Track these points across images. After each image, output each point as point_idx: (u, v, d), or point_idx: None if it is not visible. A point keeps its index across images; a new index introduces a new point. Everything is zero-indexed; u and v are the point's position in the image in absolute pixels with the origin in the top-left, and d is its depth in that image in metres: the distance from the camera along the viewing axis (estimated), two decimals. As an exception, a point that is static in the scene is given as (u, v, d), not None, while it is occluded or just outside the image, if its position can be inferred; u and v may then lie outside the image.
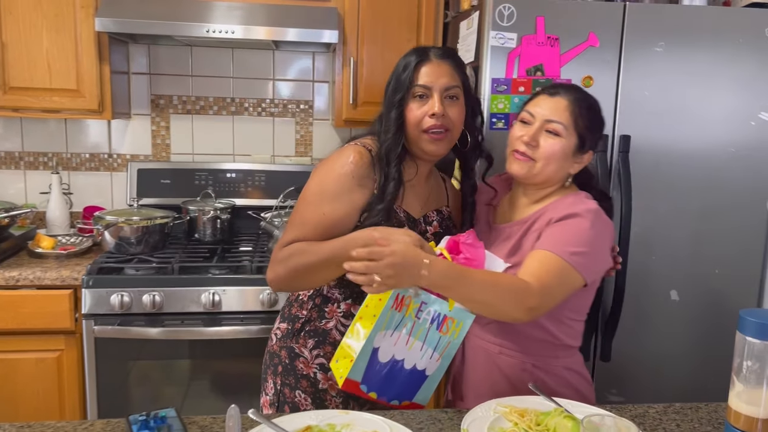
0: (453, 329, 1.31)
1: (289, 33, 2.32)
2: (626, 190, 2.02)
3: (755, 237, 2.14)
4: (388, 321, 1.26)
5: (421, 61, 1.44)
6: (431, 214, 1.55)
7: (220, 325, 2.21)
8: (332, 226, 1.40)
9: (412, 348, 1.30)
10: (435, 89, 1.43)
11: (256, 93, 2.85)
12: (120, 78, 2.62)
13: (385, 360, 1.28)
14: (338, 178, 1.42)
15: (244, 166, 2.78)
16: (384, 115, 1.47)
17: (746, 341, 1.03)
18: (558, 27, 1.97)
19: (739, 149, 2.08)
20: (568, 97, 1.43)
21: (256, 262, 2.31)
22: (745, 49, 2.03)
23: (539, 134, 1.42)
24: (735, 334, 2.17)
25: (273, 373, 1.56)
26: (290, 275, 1.40)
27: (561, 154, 1.41)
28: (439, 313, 1.29)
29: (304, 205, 1.45)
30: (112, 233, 2.33)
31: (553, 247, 1.32)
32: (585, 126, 1.42)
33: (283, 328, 1.57)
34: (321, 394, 1.51)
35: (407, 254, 1.19)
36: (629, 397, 2.18)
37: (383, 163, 1.43)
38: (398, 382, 1.32)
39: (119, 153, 2.81)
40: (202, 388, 2.29)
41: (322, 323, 1.51)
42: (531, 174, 1.43)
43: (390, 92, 1.47)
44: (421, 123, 1.43)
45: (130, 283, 2.17)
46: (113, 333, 2.15)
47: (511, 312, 1.27)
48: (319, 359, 1.51)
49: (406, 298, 1.27)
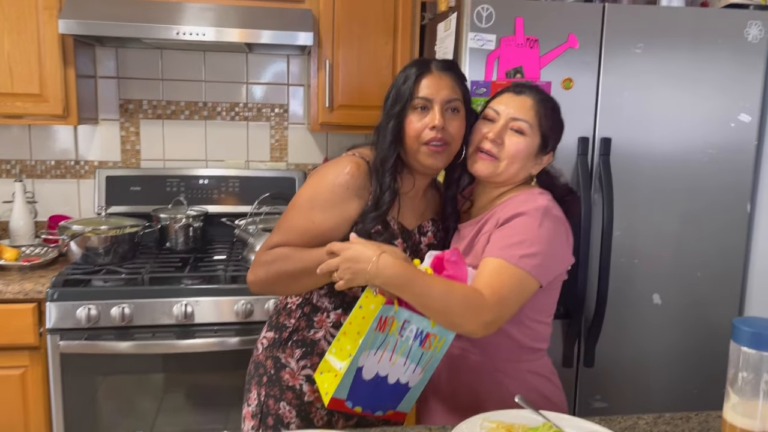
0: (435, 344, 1.29)
1: (262, 35, 2.26)
2: (608, 194, 1.99)
3: (736, 239, 2.13)
4: (371, 342, 1.24)
5: (422, 73, 1.41)
6: (426, 224, 1.53)
7: (194, 338, 2.12)
8: (320, 235, 1.38)
9: (395, 364, 1.28)
10: (436, 101, 1.39)
11: (229, 97, 2.78)
12: (86, 82, 2.53)
13: (369, 377, 1.27)
14: (332, 187, 1.39)
15: (218, 172, 2.70)
16: (381, 126, 1.44)
17: (741, 351, 0.99)
18: (537, 28, 1.93)
19: (719, 151, 2.07)
20: (534, 96, 1.42)
21: (231, 272, 2.23)
22: (724, 50, 2.02)
23: (504, 132, 1.39)
24: (717, 337, 2.16)
25: (257, 384, 1.52)
26: (272, 280, 1.39)
27: (525, 153, 1.39)
28: (421, 330, 1.27)
29: (294, 211, 1.42)
30: (78, 243, 2.23)
31: (502, 253, 1.28)
32: (549, 126, 1.41)
33: (269, 337, 1.53)
34: (306, 407, 1.47)
35: (361, 252, 1.23)
36: (613, 403, 2.15)
37: (378, 173, 1.41)
38: (382, 395, 1.31)
39: (87, 160, 2.71)
40: (176, 403, 2.20)
41: (310, 333, 1.48)
42: (495, 173, 1.41)
43: (389, 103, 1.44)
44: (421, 135, 1.40)
45: (98, 295, 2.08)
46: (80, 348, 2.05)
47: (466, 326, 1.24)
48: (306, 370, 1.47)
49: (389, 319, 1.25)
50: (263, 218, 2.44)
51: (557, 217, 1.36)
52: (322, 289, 1.47)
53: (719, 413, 1.28)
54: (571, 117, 1.52)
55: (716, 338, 2.17)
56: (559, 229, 1.36)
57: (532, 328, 1.42)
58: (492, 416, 1.19)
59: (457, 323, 1.24)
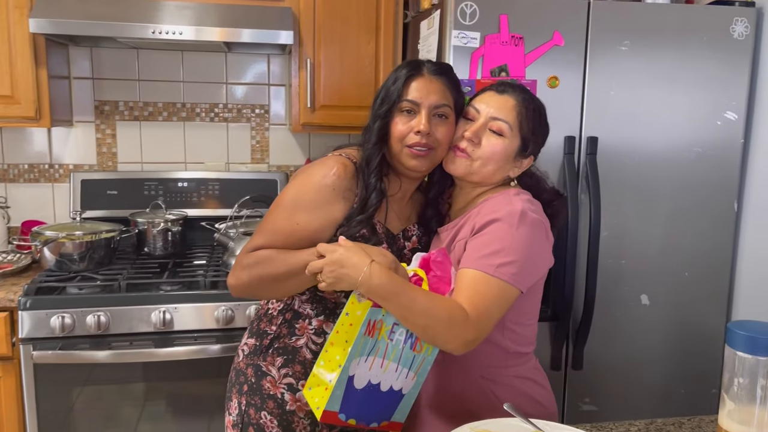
0: (426, 346, 1.25)
1: (242, 34, 2.20)
2: (594, 193, 1.96)
3: (723, 238, 2.11)
4: (361, 348, 1.20)
5: (412, 75, 1.37)
6: (411, 228, 1.49)
7: (173, 346, 2.06)
8: (304, 237, 1.34)
9: (387, 370, 1.23)
10: (423, 106, 1.35)
11: (209, 98, 2.71)
12: (60, 83, 2.46)
13: (361, 386, 1.22)
14: (318, 189, 1.35)
15: (197, 175, 2.63)
16: (369, 126, 1.41)
17: (736, 356, 0.95)
18: (522, 26, 1.90)
19: (706, 149, 2.05)
20: (516, 96, 1.37)
21: (211, 277, 2.17)
22: (709, 47, 2.00)
23: (483, 131, 1.35)
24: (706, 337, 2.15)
25: (238, 392, 1.47)
26: (255, 283, 1.34)
27: (502, 155, 1.35)
28: (412, 333, 1.23)
29: (277, 212, 1.38)
30: (52, 249, 2.16)
31: (479, 264, 1.24)
32: (530, 129, 1.36)
33: (250, 344, 1.49)
34: (288, 416, 1.43)
35: (349, 257, 1.19)
36: (603, 406, 2.12)
37: (364, 173, 1.37)
38: (376, 404, 1.26)
39: (61, 163, 2.63)
40: (156, 412, 2.14)
41: (292, 340, 1.43)
42: (468, 172, 1.37)
43: (377, 103, 1.40)
44: (405, 138, 1.36)
45: (73, 303, 2.01)
46: (54, 358, 1.98)
47: (446, 344, 1.20)
48: (288, 379, 1.42)
49: (377, 323, 1.20)
50: (244, 221, 2.39)
51: (534, 220, 1.30)
52: (303, 294, 1.43)
53: (712, 418, 1.26)
54: (557, 116, 1.49)
55: (704, 338, 2.15)
56: (536, 232, 1.30)
57: (516, 332, 1.38)
58: (480, 425, 1.15)
59: (439, 341, 1.20)
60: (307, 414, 1.42)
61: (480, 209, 1.35)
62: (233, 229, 2.30)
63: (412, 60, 1.45)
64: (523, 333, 1.40)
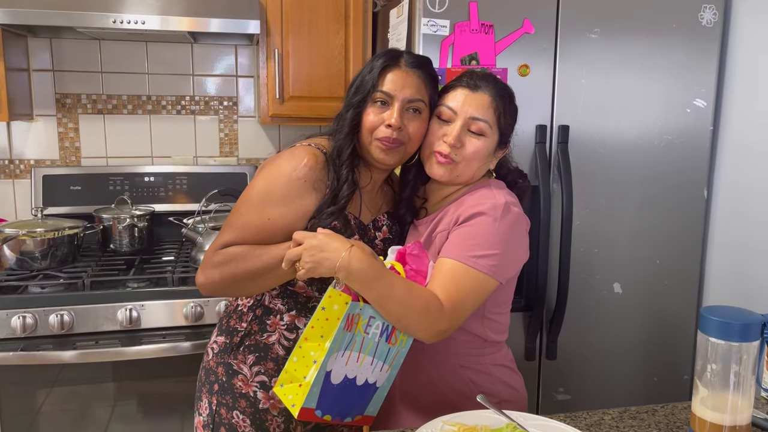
0: (401, 338, 1.23)
1: (209, 23, 2.15)
2: (566, 182, 1.95)
3: (693, 225, 2.12)
4: (340, 343, 1.17)
5: (388, 66, 1.33)
6: (381, 218, 1.46)
7: (140, 344, 2.01)
8: (276, 231, 1.30)
9: (363, 364, 1.21)
10: (397, 99, 1.31)
11: (175, 90, 2.65)
12: (18, 75, 2.37)
13: (337, 381, 1.19)
14: (289, 182, 1.30)
15: (164, 169, 2.57)
16: (341, 115, 1.37)
17: (709, 342, 0.94)
18: (492, 13, 1.87)
19: (676, 137, 2.06)
20: (491, 92, 1.33)
21: (179, 273, 2.12)
22: (678, 34, 2.00)
23: (463, 134, 1.32)
24: (677, 324, 2.16)
25: (208, 392, 1.43)
26: (227, 281, 1.29)
27: (484, 153, 1.34)
28: (387, 326, 1.21)
29: (246, 207, 1.32)
30: (11, 247, 2.09)
31: (459, 254, 1.24)
32: (506, 122, 1.35)
33: (220, 342, 1.44)
34: (261, 415, 1.39)
35: (329, 242, 1.18)
36: (577, 395, 2.12)
37: (335, 164, 1.33)
38: (351, 399, 1.24)
39: (22, 158, 2.55)
40: (128, 411, 2.09)
41: (263, 337, 1.40)
42: (453, 176, 1.35)
43: (351, 92, 1.36)
44: (376, 131, 1.32)
45: (34, 302, 1.94)
46: (16, 359, 1.92)
47: (419, 333, 1.20)
48: (260, 377, 1.39)
49: (355, 317, 1.18)
50: (213, 216, 2.34)
51: (516, 214, 1.31)
52: (274, 289, 1.39)
53: (685, 405, 1.25)
54: (528, 104, 1.48)
55: (676, 325, 2.16)
56: (518, 226, 1.32)
57: (493, 320, 1.39)
58: (453, 418, 1.13)
59: (411, 329, 1.20)
60: (281, 412, 1.39)
61: (462, 201, 1.34)
62: (201, 224, 2.25)
63: (391, 49, 1.41)
64: (501, 321, 1.41)
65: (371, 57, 1.41)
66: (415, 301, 1.18)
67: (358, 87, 1.35)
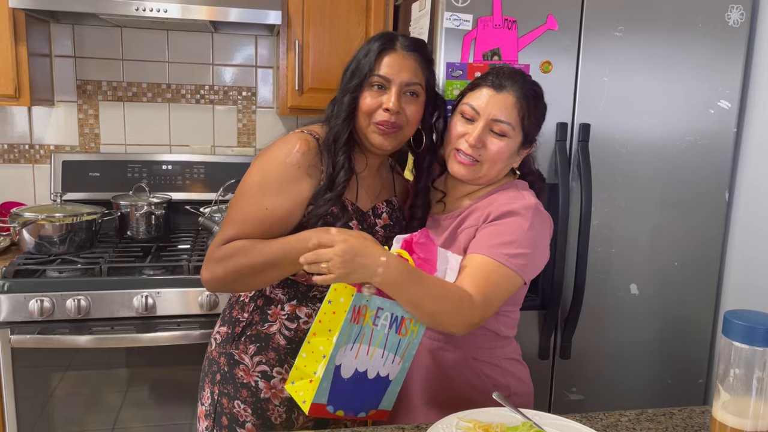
0: (411, 329, 1.22)
1: (229, 13, 2.15)
2: (586, 181, 1.93)
3: (714, 228, 2.09)
4: (348, 336, 1.16)
5: (385, 50, 1.32)
6: (380, 205, 1.45)
7: (155, 331, 2.02)
8: (276, 222, 1.29)
9: (373, 357, 1.20)
10: (394, 83, 1.31)
11: (194, 79, 2.65)
12: (40, 61, 2.39)
13: (348, 375, 1.18)
14: (283, 168, 1.29)
15: (182, 158, 2.58)
16: (337, 100, 1.36)
17: (732, 346, 0.93)
18: (515, 9, 1.85)
19: (698, 138, 2.03)
20: (516, 92, 1.32)
21: (195, 261, 2.13)
22: (704, 34, 1.97)
23: (485, 135, 1.32)
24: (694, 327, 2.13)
25: (210, 382, 1.44)
26: (231, 276, 1.27)
27: (507, 154, 1.34)
28: (396, 316, 1.20)
29: (244, 199, 1.32)
30: (31, 232, 2.11)
31: (492, 252, 1.25)
32: (531, 122, 1.35)
33: (222, 333, 1.45)
34: (263, 404, 1.40)
35: (364, 246, 1.12)
36: (590, 395, 2.11)
37: (331, 150, 1.32)
38: (363, 393, 1.22)
39: (42, 143, 2.56)
40: (139, 397, 2.10)
41: (264, 327, 1.40)
42: (476, 176, 1.35)
43: (347, 76, 1.36)
44: (374, 114, 1.32)
45: (52, 286, 1.96)
46: (33, 342, 1.94)
47: (451, 327, 1.21)
48: (261, 366, 1.39)
49: (362, 308, 1.16)
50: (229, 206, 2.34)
51: (544, 215, 1.35)
52: None
53: (703, 409, 1.24)
54: (549, 102, 1.46)
55: (693, 328, 2.14)
56: (545, 227, 1.35)
57: (507, 316, 1.41)
58: (468, 415, 1.13)
59: (445, 323, 1.20)
60: (282, 401, 1.40)
61: (492, 200, 1.35)
62: (218, 214, 2.26)
63: (385, 32, 1.39)
64: (512, 317, 1.43)
65: (367, 40, 1.38)
66: (450, 296, 1.18)
67: (354, 71, 1.34)
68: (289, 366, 1.37)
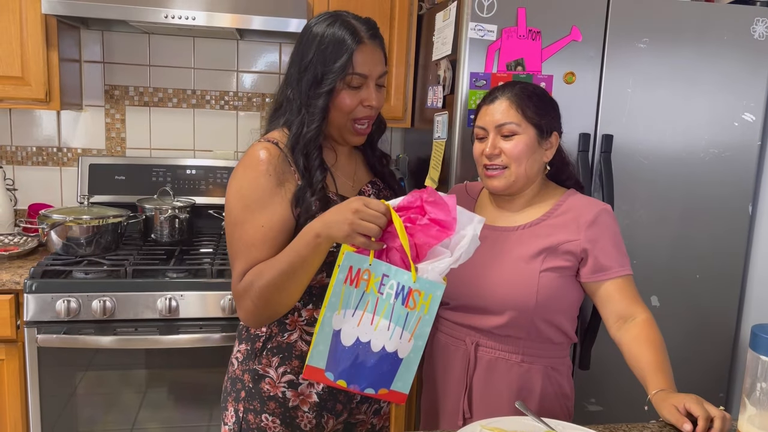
0: (421, 303, 1.12)
1: (254, 21, 2.18)
2: (608, 192, 1.94)
3: (737, 241, 2.08)
4: (344, 299, 1.11)
5: (355, 45, 1.27)
6: (366, 188, 1.44)
7: (178, 333, 2.05)
8: (277, 234, 1.27)
9: (378, 328, 1.14)
10: (371, 78, 1.30)
11: (219, 85, 2.69)
12: (70, 66, 2.44)
13: (349, 343, 1.14)
14: (257, 183, 1.27)
15: (206, 163, 2.62)
16: (305, 103, 1.30)
17: (759, 360, 0.93)
18: (540, 19, 1.87)
19: (722, 150, 2.02)
20: (506, 95, 1.40)
21: (217, 265, 2.15)
22: (729, 46, 1.97)
23: (497, 141, 1.39)
24: (716, 340, 2.12)
25: (234, 400, 1.41)
26: (260, 302, 1.25)
27: (526, 149, 1.38)
28: (402, 286, 1.12)
29: (237, 229, 1.29)
30: (58, 233, 2.15)
31: (625, 269, 1.40)
32: (535, 113, 1.39)
33: (243, 350, 1.42)
34: (291, 412, 1.38)
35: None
36: (609, 407, 2.10)
37: (302, 153, 1.29)
38: (368, 367, 1.16)
39: (70, 147, 2.62)
40: (158, 399, 2.13)
41: (284, 337, 1.37)
42: (510, 183, 1.40)
43: (317, 76, 1.27)
44: (354, 111, 1.31)
45: (78, 287, 2.00)
46: (59, 342, 1.97)
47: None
48: (287, 376, 1.37)
49: (362, 272, 1.12)
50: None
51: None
52: None
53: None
54: (572, 112, 1.49)
55: (713, 341, 2.13)
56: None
57: (574, 320, 1.48)
58: (491, 423, 1.13)
59: None
60: (312, 407, 1.38)
61: (569, 207, 1.42)
62: (241, 218, 2.28)
63: (344, 21, 1.30)
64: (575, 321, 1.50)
65: (320, 29, 1.28)
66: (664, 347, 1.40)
67: (324, 73, 1.27)
68: None
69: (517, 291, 1.37)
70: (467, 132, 1.87)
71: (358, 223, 1.11)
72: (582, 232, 1.38)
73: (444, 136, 1.99)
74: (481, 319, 1.41)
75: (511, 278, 1.37)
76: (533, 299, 1.36)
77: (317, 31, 1.30)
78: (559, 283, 1.39)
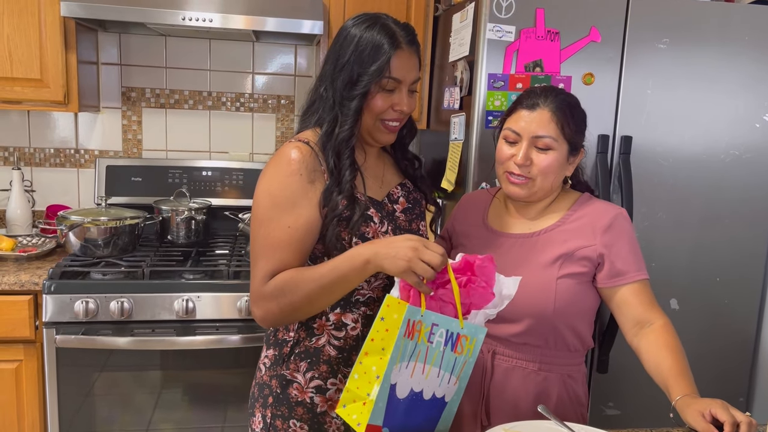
0: (468, 347, 1.17)
1: (270, 22, 2.18)
2: (627, 194, 1.92)
3: (757, 243, 2.06)
4: (402, 353, 1.11)
5: (393, 50, 1.27)
6: (395, 190, 1.44)
7: (194, 335, 2.05)
8: (303, 235, 1.26)
9: (429, 376, 1.15)
10: (405, 83, 1.30)
11: (235, 87, 2.70)
12: (88, 68, 2.46)
13: (404, 395, 1.13)
14: (288, 183, 1.26)
15: (221, 164, 2.62)
16: (339, 102, 1.30)
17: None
18: (558, 20, 1.86)
19: (743, 152, 2.00)
20: (549, 106, 1.36)
21: (233, 267, 2.16)
22: (750, 47, 1.95)
23: (530, 151, 1.36)
24: (736, 343, 2.09)
25: (262, 406, 1.40)
26: (287, 310, 1.25)
27: (557, 164, 1.37)
28: (451, 333, 1.15)
29: (263, 227, 1.28)
30: (77, 234, 2.16)
31: (641, 274, 1.37)
32: (573, 131, 1.37)
33: (270, 356, 1.41)
34: (319, 418, 1.36)
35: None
36: (627, 410, 2.08)
37: (333, 153, 1.29)
38: (419, 415, 1.17)
39: (87, 148, 2.63)
40: (173, 399, 2.14)
41: (312, 341, 1.36)
42: (531, 193, 1.39)
43: (352, 76, 1.28)
44: (384, 113, 1.31)
45: (96, 288, 2.01)
46: (77, 343, 1.98)
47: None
48: (315, 381, 1.36)
49: (416, 323, 1.13)
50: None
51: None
52: None
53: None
54: (591, 113, 1.46)
55: (733, 345, 2.10)
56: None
57: (591, 325, 1.46)
58: (513, 427, 1.12)
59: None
60: None
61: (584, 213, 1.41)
62: (257, 220, 2.28)
63: (384, 25, 1.29)
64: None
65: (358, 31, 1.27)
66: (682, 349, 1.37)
67: (360, 75, 1.27)
68: (343, 375, 1.35)
69: (534, 298, 1.35)
70: (485, 133, 1.86)
71: (416, 263, 1.12)
72: (598, 237, 1.37)
73: (461, 137, 1.98)
74: (499, 327, 1.38)
75: (528, 285, 1.33)
76: (551, 306, 1.35)
77: (356, 32, 1.29)
78: (576, 290, 1.37)
